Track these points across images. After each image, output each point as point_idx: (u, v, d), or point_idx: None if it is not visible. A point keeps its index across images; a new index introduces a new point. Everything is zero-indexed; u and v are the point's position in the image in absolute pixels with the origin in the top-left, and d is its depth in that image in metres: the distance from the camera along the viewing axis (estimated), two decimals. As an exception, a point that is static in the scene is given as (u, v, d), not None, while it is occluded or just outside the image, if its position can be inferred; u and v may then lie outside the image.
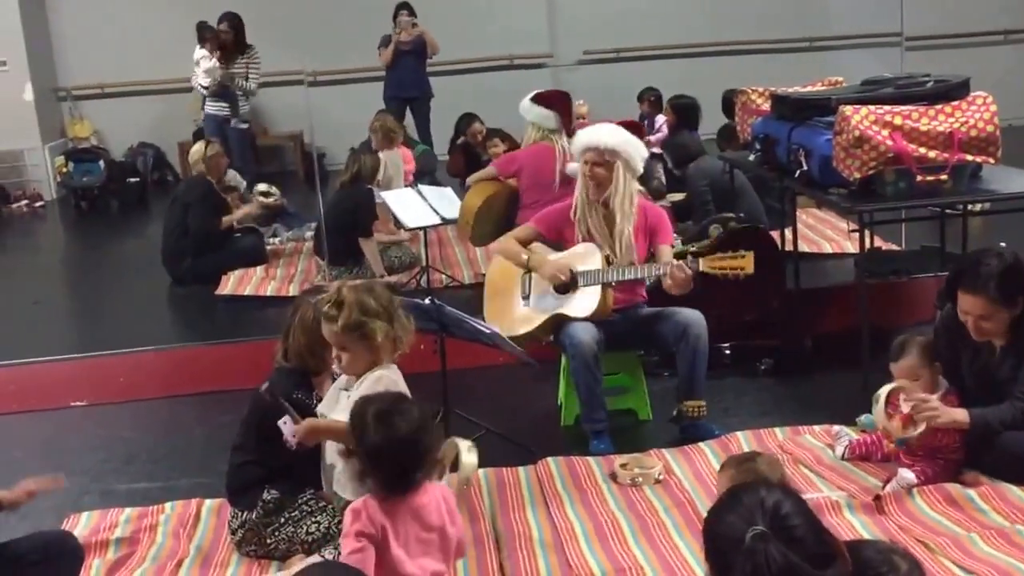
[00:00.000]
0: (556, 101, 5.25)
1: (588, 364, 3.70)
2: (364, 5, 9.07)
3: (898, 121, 3.85)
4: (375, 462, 2.36)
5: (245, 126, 7.72)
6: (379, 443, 2.35)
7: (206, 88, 7.78)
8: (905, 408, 3.20)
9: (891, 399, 3.22)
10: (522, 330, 3.84)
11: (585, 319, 3.75)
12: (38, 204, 9.14)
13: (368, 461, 2.37)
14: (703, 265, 3.59)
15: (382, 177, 6.29)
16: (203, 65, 7.72)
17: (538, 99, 5.25)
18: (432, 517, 2.40)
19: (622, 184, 3.81)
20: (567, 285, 3.82)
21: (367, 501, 2.37)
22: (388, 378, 2.77)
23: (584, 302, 3.78)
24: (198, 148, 6.43)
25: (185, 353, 4.97)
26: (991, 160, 3.94)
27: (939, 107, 3.92)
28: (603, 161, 3.79)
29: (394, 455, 2.35)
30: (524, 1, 9.89)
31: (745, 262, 3.57)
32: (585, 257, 3.83)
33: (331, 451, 2.85)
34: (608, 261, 3.77)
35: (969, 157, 3.90)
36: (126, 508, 3.49)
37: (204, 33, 7.82)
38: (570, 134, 5.25)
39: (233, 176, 6.96)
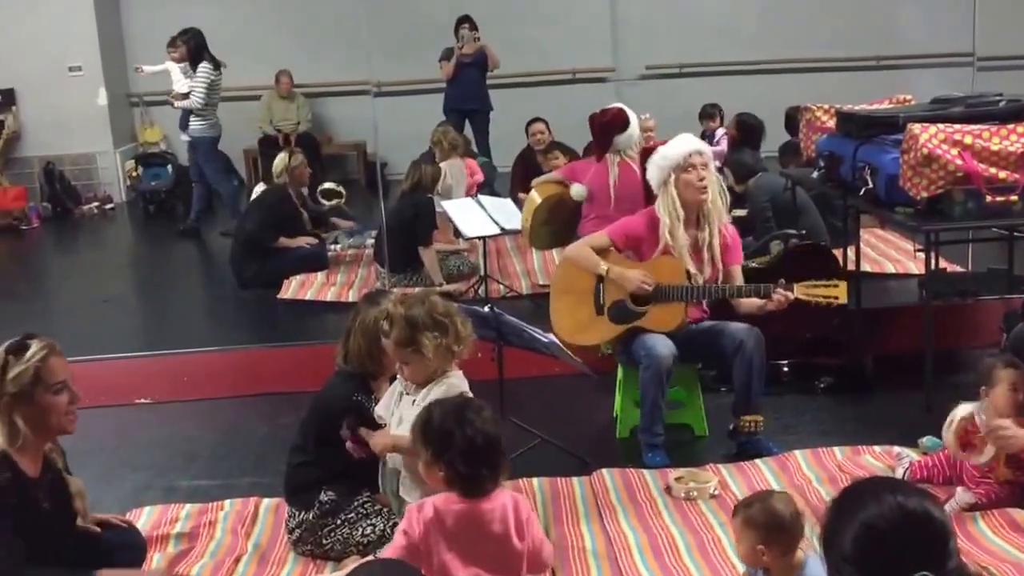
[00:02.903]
0: (595, 126, 5.16)
1: (661, 377, 3.68)
2: (428, 17, 9.20)
3: (968, 140, 3.78)
4: (467, 460, 2.31)
5: (186, 139, 7.68)
6: (470, 439, 2.31)
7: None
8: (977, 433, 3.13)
9: (962, 427, 3.17)
10: (595, 339, 3.83)
11: (662, 332, 3.73)
12: (108, 206, 9.40)
13: (461, 459, 2.32)
14: (797, 291, 3.59)
15: (443, 186, 6.37)
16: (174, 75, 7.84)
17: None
18: (494, 525, 2.35)
19: (718, 191, 3.80)
20: (647, 297, 3.79)
21: (423, 505, 2.36)
22: (456, 388, 2.80)
23: (665, 316, 3.75)
24: (281, 158, 6.58)
25: (247, 355, 5.07)
26: (1064, 182, 3.86)
27: (1011, 127, 3.85)
28: (708, 164, 3.78)
29: (482, 452, 2.32)
30: (587, 16, 9.91)
31: (839, 291, 3.57)
32: (668, 269, 3.78)
33: (395, 457, 2.88)
34: (689, 276, 3.75)
35: (1042, 178, 3.82)
36: (186, 504, 3.57)
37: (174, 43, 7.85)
38: (599, 158, 5.12)
39: None
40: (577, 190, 5.08)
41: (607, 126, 5.14)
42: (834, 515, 1.58)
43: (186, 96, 7.53)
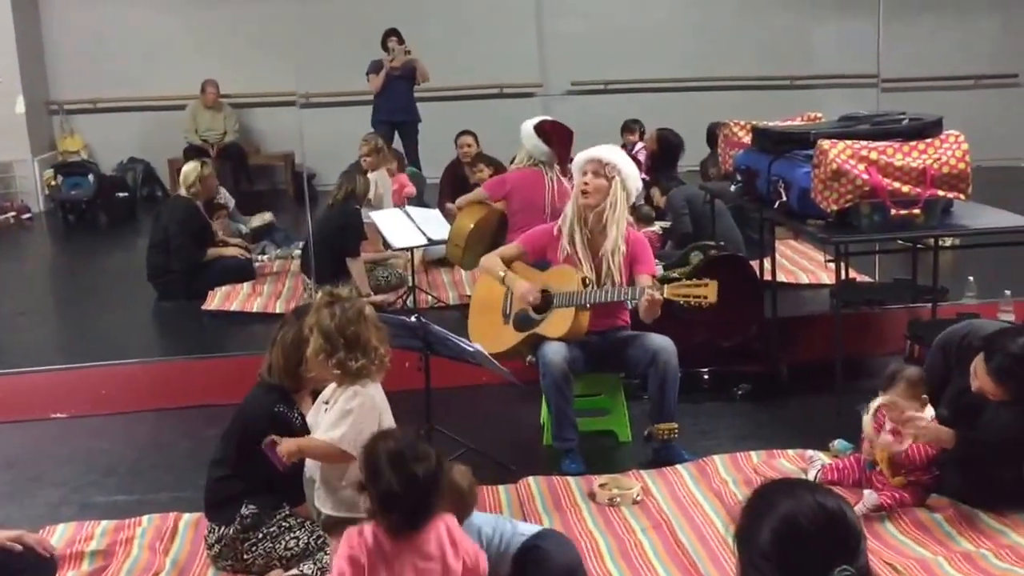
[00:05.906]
0: (557, 138, 5.25)
1: (558, 383, 3.76)
2: (355, 29, 9.19)
3: (874, 156, 3.95)
4: (387, 506, 2.33)
5: None
6: (393, 489, 2.31)
7: None
8: (889, 425, 3.26)
9: (877, 415, 3.30)
10: (501, 348, 3.90)
11: (559, 339, 3.82)
12: (26, 216, 9.13)
13: (380, 504, 2.34)
14: (667, 291, 3.64)
15: (372, 196, 6.36)
16: None
17: (540, 130, 5.27)
18: (431, 546, 2.37)
19: (618, 201, 3.86)
20: (543, 305, 3.90)
21: (364, 531, 2.36)
22: (364, 394, 2.73)
23: (558, 323, 3.85)
24: (193, 167, 6.44)
25: (169, 367, 4.99)
26: (962, 196, 4.05)
27: (913, 144, 4.02)
28: (604, 173, 3.85)
29: (407, 501, 2.32)
30: (515, 31, 10.03)
31: (708, 291, 3.58)
32: (562, 278, 3.89)
33: (311, 467, 2.87)
34: (584, 283, 3.83)
35: (941, 193, 4.01)
36: (103, 521, 3.48)
37: None
38: (564, 173, 5.25)
39: (223, 194, 7.01)
40: None
41: (562, 140, 5.24)
42: (749, 513, 1.62)
43: None
